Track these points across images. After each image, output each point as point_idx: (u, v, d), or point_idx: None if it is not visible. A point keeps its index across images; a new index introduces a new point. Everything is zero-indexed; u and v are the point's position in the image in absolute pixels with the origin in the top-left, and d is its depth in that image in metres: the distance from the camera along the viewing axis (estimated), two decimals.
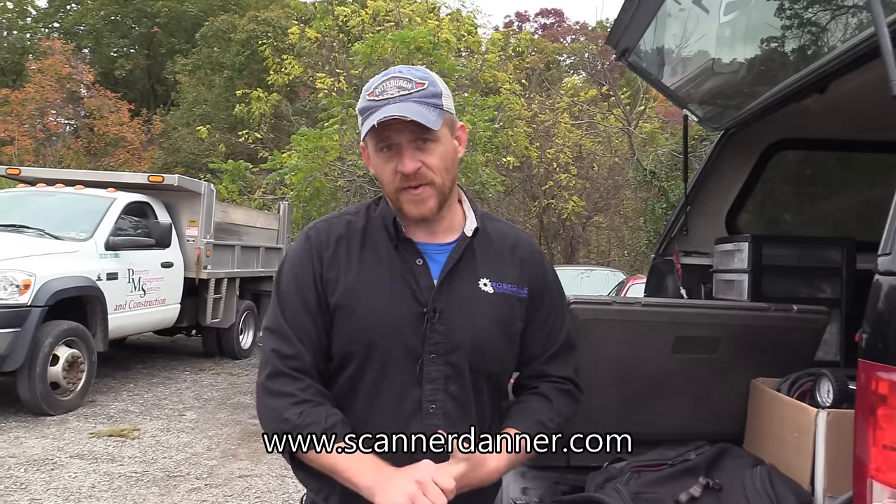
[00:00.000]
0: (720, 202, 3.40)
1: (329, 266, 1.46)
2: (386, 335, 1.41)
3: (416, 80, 1.42)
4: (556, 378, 1.56)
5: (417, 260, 1.46)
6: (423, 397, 1.41)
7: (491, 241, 1.53)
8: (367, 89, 1.44)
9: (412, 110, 1.37)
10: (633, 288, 8.91)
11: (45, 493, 4.43)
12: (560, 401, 1.55)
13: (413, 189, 1.41)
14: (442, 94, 1.44)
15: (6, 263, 6.12)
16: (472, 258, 1.49)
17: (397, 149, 1.41)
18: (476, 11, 22.44)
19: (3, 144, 20.93)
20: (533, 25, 33.37)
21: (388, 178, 1.43)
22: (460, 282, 1.45)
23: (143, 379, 8.15)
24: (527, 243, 1.58)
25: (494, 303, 1.47)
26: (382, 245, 1.47)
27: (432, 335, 1.41)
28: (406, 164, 1.39)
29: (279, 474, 4.99)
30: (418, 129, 1.38)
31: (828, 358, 2.74)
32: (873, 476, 1.29)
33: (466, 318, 1.43)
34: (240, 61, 24.33)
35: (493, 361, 1.48)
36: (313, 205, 12.43)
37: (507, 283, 1.49)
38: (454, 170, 1.49)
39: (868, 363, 1.31)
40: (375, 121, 1.37)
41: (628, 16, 2.82)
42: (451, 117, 1.47)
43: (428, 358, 1.41)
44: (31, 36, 29.43)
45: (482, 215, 1.57)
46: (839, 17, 2.21)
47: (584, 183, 17.39)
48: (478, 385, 1.46)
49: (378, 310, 1.42)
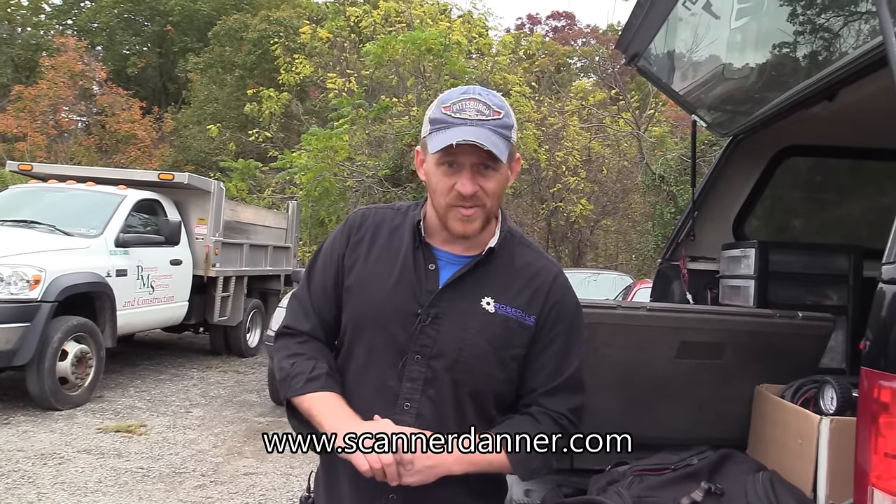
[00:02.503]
0: (728, 208, 3.40)
1: (352, 250, 1.56)
2: (374, 325, 1.49)
3: (494, 108, 1.45)
4: (553, 412, 1.52)
5: (430, 265, 1.51)
6: (401, 393, 1.47)
7: (511, 265, 1.54)
8: (444, 101, 1.47)
9: (488, 138, 1.41)
10: (640, 292, 8.89)
11: (52, 486, 4.46)
12: (548, 426, 1.50)
13: (465, 209, 1.45)
14: (513, 126, 1.49)
15: (17, 258, 6.17)
16: (483, 275, 1.51)
17: (459, 167, 1.45)
18: (487, 13, 22.51)
19: (16, 140, 21.07)
20: (544, 28, 33.31)
21: (442, 191, 1.47)
22: (463, 295, 1.49)
23: (150, 375, 8.19)
24: (550, 275, 1.56)
25: (492, 322, 1.48)
26: (405, 244, 1.54)
27: (421, 337, 1.46)
28: (467, 185, 1.43)
29: (284, 472, 5.02)
30: (485, 156, 1.42)
31: (833, 365, 2.74)
32: (874, 484, 1.29)
33: (458, 330, 1.47)
34: (251, 60, 24.42)
35: (477, 377, 1.48)
36: (322, 204, 12.49)
37: (513, 307, 1.50)
38: (501, 199, 1.53)
39: (870, 371, 1.31)
40: (454, 140, 1.40)
41: (638, 20, 2.82)
42: (514, 149, 1.52)
43: (412, 357, 1.46)
44: (44, 33, 29.58)
45: (514, 239, 1.59)
46: (849, 25, 2.21)
47: (593, 186, 17.32)
48: (459, 398, 1.48)
49: (375, 300, 1.50)
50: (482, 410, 1.51)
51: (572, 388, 1.54)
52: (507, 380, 1.51)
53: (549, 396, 1.52)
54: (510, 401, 1.55)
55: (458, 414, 1.48)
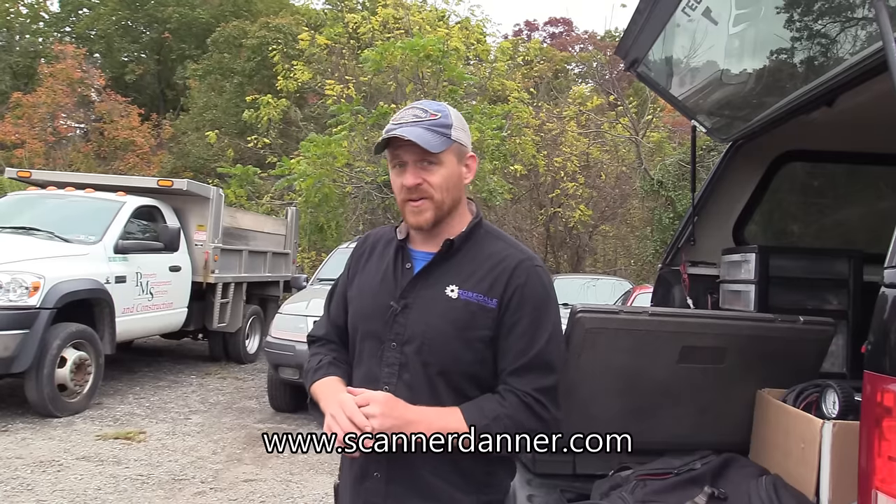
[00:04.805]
0: (728, 213, 3.41)
1: (355, 266, 1.79)
2: (363, 322, 1.69)
3: (431, 112, 1.63)
4: (519, 391, 1.58)
5: (407, 264, 1.68)
6: (381, 378, 1.62)
7: (477, 255, 1.67)
8: (393, 118, 1.67)
9: (415, 133, 1.57)
10: (640, 297, 8.89)
11: (50, 494, 4.45)
12: (514, 407, 1.57)
13: (413, 201, 1.62)
14: (452, 125, 1.63)
15: (16, 265, 6.16)
16: (450, 266, 1.65)
17: (404, 165, 1.62)
18: (485, 20, 22.56)
19: (14, 147, 21.06)
20: (542, 34, 33.32)
21: (397, 190, 1.66)
22: (429, 285, 1.64)
23: (149, 382, 8.18)
24: (515, 261, 1.64)
25: (454, 307, 1.60)
26: (391, 252, 1.72)
27: (395, 326, 1.62)
28: (408, 178, 1.61)
29: (284, 479, 5.00)
30: (423, 151, 1.58)
31: (834, 370, 2.74)
32: (878, 487, 1.30)
33: (423, 315, 1.61)
34: (250, 67, 24.46)
35: (443, 359, 1.59)
36: (321, 210, 12.48)
37: (475, 291, 1.61)
38: (456, 191, 1.66)
39: (873, 375, 1.32)
40: (383, 136, 1.61)
41: (638, 27, 2.83)
42: (461, 147, 1.66)
43: (389, 346, 1.62)
44: (43, 40, 29.61)
45: (486, 233, 1.71)
46: (848, 31, 2.22)
47: (591, 192, 17.34)
48: (431, 379, 1.60)
49: (364, 302, 1.71)
50: (456, 391, 1.60)
51: (539, 367, 1.60)
52: (476, 361, 1.61)
53: (515, 376, 1.59)
54: (491, 384, 1.63)
55: (433, 395, 1.59)
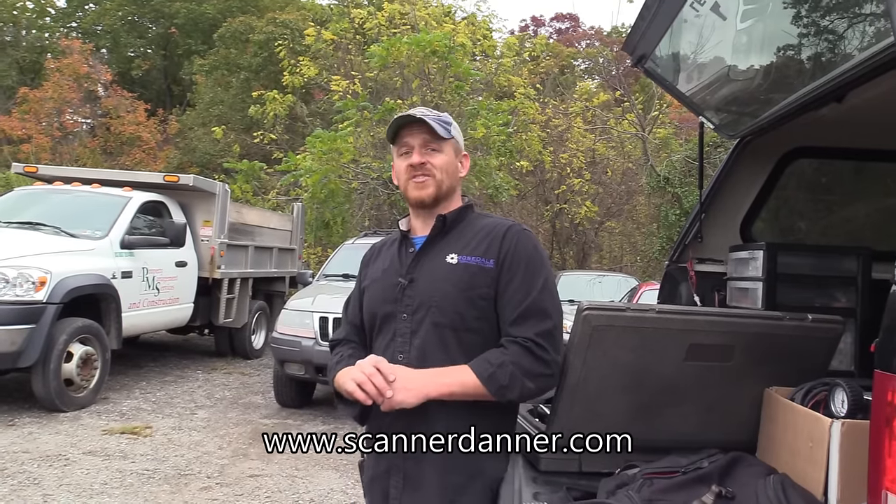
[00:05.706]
0: (735, 210, 3.38)
1: (365, 269, 2.02)
2: (378, 305, 1.88)
3: (434, 112, 1.88)
4: (519, 338, 1.74)
5: (410, 249, 1.89)
6: (395, 348, 1.80)
7: (469, 228, 1.88)
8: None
9: (426, 116, 1.83)
10: (646, 294, 8.88)
11: (57, 488, 4.47)
12: (516, 353, 1.73)
13: (417, 178, 1.85)
14: (452, 125, 1.90)
15: (22, 260, 6.18)
16: (447, 241, 1.85)
17: (410, 149, 1.86)
18: (491, 16, 22.49)
19: (21, 142, 21.14)
20: (548, 30, 33.26)
21: (401, 172, 1.89)
22: (431, 258, 1.84)
23: (155, 377, 8.21)
24: (504, 227, 1.85)
25: (454, 270, 1.79)
26: (395, 245, 1.95)
27: (404, 299, 1.82)
28: (414, 157, 1.85)
29: (289, 474, 5.01)
30: (428, 137, 1.84)
31: (842, 367, 2.72)
32: (888, 487, 1.29)
33: (430, 283, 1.80)
34: (257, 63, 24.46)
35: (451, 316, 1.77)
36: (327, 206, 12.48)
37: (473, 255, 1.81)
38: (453, 178, 1.90)
39: (883, 374, 1.31)
40: (396, 118, 1.85)
41: (645, 22, 2.81)
42: (457, 144, 1.92)
43: (400, 317, 1.81)
44: (49, 35, 29.69)
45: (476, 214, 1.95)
46: (857, 26, 2.20)
47: (597, 188, 17.30)
48: (443, 338, 1.77)
49: (375, 288, 1.91)
50: (466, 349, 1.77)
51: (536, 313, 1.76)
52: (480, 317, 1.78)
53: (515, 325, 1.76)
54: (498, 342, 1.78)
55: (444, 352, 1.76)
